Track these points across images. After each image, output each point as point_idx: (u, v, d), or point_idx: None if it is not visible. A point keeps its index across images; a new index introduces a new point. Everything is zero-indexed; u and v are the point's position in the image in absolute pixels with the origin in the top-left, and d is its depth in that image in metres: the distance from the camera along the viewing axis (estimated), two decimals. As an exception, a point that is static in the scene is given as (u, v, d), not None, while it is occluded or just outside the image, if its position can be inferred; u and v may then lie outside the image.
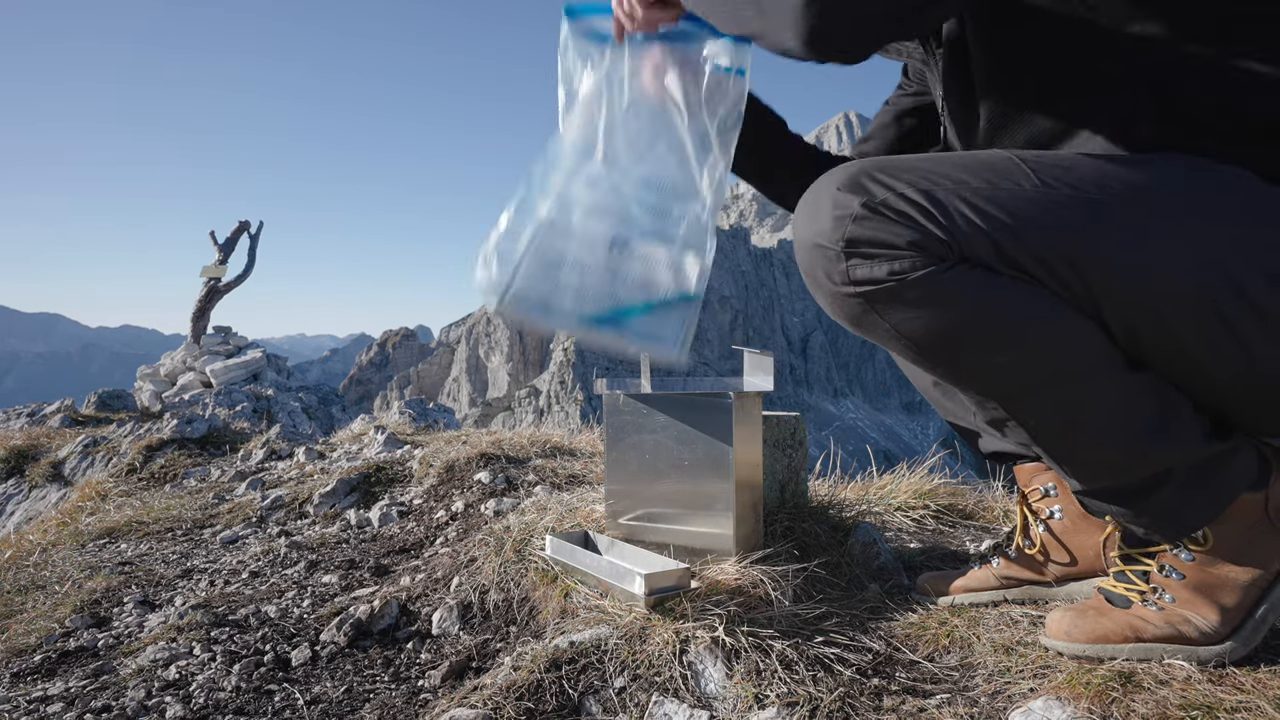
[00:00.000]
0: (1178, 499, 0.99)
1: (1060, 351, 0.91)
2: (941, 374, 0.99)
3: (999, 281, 0.90)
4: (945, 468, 2.28)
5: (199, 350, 11.50)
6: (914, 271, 0.89)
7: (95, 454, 5.28)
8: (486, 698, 1.12)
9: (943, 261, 0.90)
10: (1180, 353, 0.92)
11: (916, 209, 0.89)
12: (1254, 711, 0.88)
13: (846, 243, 0.91)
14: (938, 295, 0.90)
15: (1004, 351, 0.92)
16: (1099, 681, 0.96)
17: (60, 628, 1.79)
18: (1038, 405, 0.96)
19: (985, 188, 0.90)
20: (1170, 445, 0.96)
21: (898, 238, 0.89)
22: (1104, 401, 0.94)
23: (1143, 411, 0.95)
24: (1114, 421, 0.95)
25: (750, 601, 1.26)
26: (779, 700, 1.03)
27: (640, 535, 1.52)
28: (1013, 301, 0.90)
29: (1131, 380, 0.94)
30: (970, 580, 1.35)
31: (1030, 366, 0.93)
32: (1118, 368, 0.93)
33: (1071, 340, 0.91)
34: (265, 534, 2.67)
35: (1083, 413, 0.95)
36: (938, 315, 0.91)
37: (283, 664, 1.46)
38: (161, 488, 3.93)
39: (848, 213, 0.91)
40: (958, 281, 0.90)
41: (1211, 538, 1.02)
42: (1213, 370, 0.92)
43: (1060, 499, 1.30)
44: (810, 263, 0.97)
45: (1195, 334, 0.89)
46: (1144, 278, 0.88)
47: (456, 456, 2.93)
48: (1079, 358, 0.92)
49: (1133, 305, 0.89)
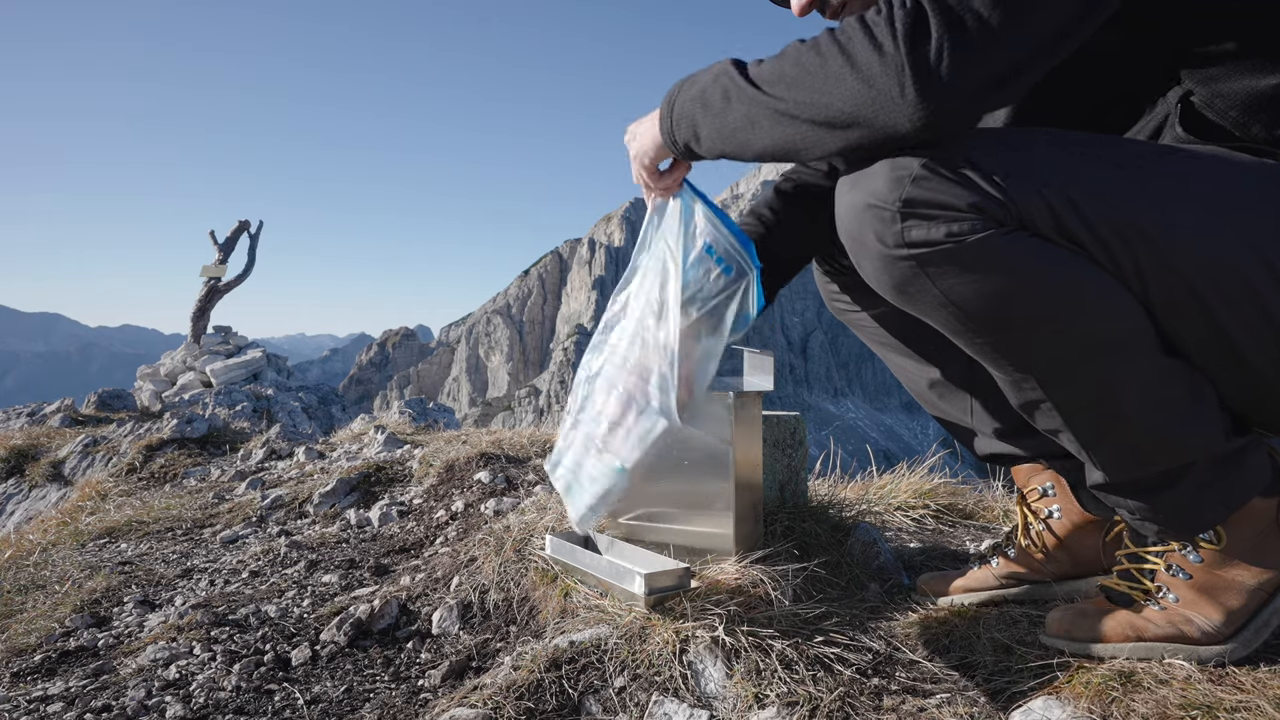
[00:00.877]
0: (1194, 495, 0.99)
1: (1106, 326, 0.91)
2: (983, 344, 0.97)
3: (1054, 251, 0.89)
4: (945, 467, 2.28)
5: (199, 350, 11.50)
6: (973, 234, 0.88)
7: (95, 453, 5.28)
8: (486, 697, 1.12)
9: (1001, 226, 0.89)
10: (1217, 338, 0.91)
11: (977, 172, 0.88)
12: (1254, 711, 0.88)
13: (904, 203, 0.90)
14: (994, 260, 0.89)
15: (1053, 321, 0.91)
16: (1099, 681, 0.96)
17: (60, 627, 1.79)
18: (1078, 381, 0.95)
19: (1047, 157, 0.90)
20: (1198, 436, 0.96)
21: (958, 199, 0.88)
22: (1142, 383, 0.93)
23: (1175, 397, 0.94)
24: (1147, 404, 0.94)
25: (750, 601, 1.26)
26: (779, 700, 1.03)
27: (640, 535, 1.52)
28: (1066, 271, 0.89)
29: (1168, 365, 0.93)
30: (970, 580, 1.35)
31: (1076, 338, 0.92)
32: (1156, 351, 0.93)
33: (1118, 315, 0.91)
34: (265, 533, 2.67)
35: (1119, 392, 0.94)
36: (992, 280, 0.90)
37: (283, 663, 1.46)
38: (161, 487, 3.93)
39: (907, 173, 0.89)
40: (1015, 246, 0.89)
41: (1224, 537, 1.02)
42: (1248, 357, 0.91)
43: (1058, 499, 1.30)
44: (859, 225, 0.95)
45: (1235, 318, 0.89)
46: (1192, 258, 0.88)
47: (456, 456, 2.93)
48: (1123, 334, 0.91)
49: (1178, 286, 0.89)
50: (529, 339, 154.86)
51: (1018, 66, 0.84)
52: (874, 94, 0.85)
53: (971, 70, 0.82)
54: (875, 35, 0.84)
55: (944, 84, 0.82)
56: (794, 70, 0.92)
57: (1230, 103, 0.93)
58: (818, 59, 0.90)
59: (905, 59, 0.82)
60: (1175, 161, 0.91)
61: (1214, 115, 0.95)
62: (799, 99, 0.92)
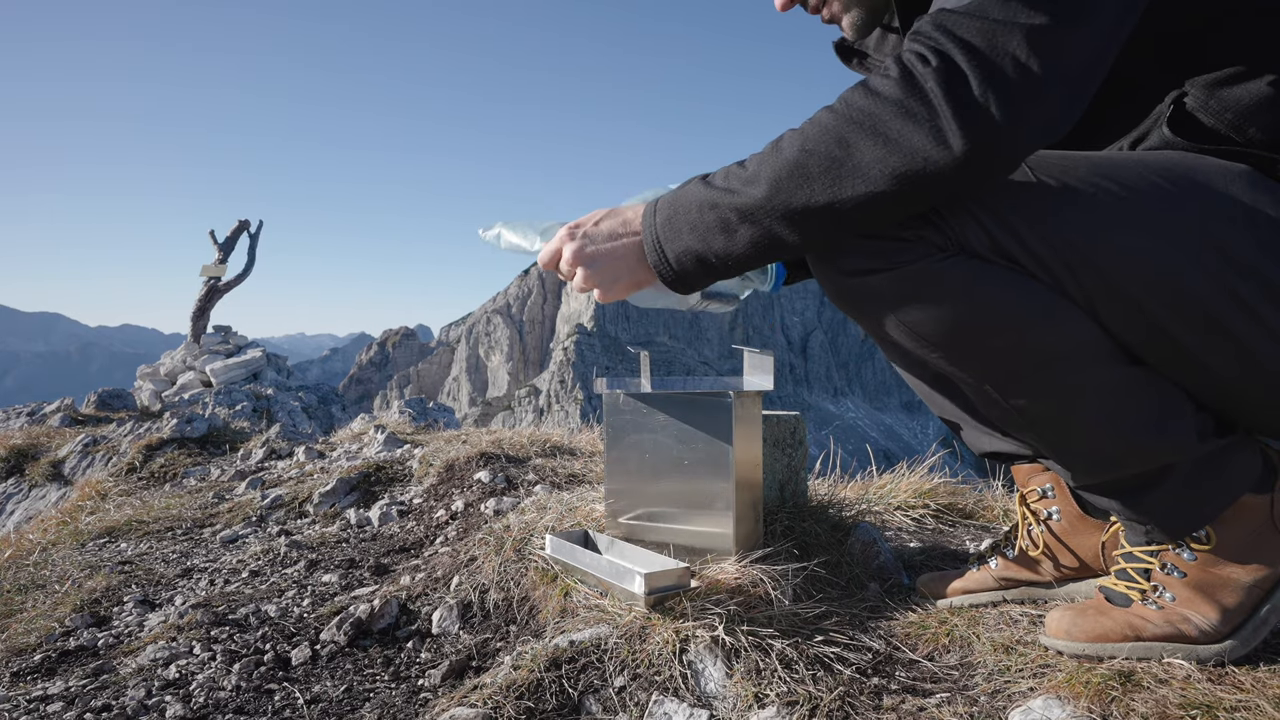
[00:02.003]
0: (1177, 497, 0.99)
1: (1052, 339, 0.92)
2: (939, 358, 0.99)
3: (993, 271, 0.91)
4: (945, 467, 2.28)
5: (199, 349, 11.50)
6: (913, 261, 0.91)
7: (95, 453, 5.28)
8: (486, 697, 1.12)
9: (941, 251, 0.92)
10: (1177, 353, 0.92)
11: None
12: (1253, 710, 0.88)
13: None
14: (934, 284, 0.92)
15: (998, 337, 0.93)
16: (1098, 680, 0.96)
17: (60, 627, 1.79)
18: (1033, 390, 0.97)
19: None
20: (1167, 441, 0.96)
21: (897, 227, 0.91)
22: (1098, 392, 0.94)
23: (1139, 405, 0.95)
24: (1108, 413, 0.95)
25: (750, 601, 1.26)
26: (779, 699, 1.03)
27: (640, 534, 1.52)
28: (1006, 291, 0.91)
29: (1128, 374, 0.94)
30: (969, 581, 1.35)
31: (1023, 352, 0.94)
32: (1114, 360, 0.94)
33: (1063, 329, 0.92)
34: (265, 533, 2.67)
35: (1077, 403, 0.96)
36: (934, 303, 0.93)
37: (283, 663, 1.46)
38: (161, 487, 3.93)
39: None
40: (953, 270, 0.91)
41: (1215, 537, 1.02)
42: (1211, 370, 0.92)
43: (1058, 500, 1.30)
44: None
45: (1192, 335, 0.90)
46: (1138, 279, 0.88)
47: (456, 456, 2.93)
48: (1070, 345, 0.92)
49: (1125, 304, 0.90)
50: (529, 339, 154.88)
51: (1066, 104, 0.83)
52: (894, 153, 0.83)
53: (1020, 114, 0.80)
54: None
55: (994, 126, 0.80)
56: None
57: (1227, 105, 0.93)
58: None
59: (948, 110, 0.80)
60: (1122, 178, 0.90)
61: (1209, 118, 0.94)
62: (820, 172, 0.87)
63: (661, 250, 0.98)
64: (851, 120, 0.85)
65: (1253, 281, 0.87)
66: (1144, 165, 0.92)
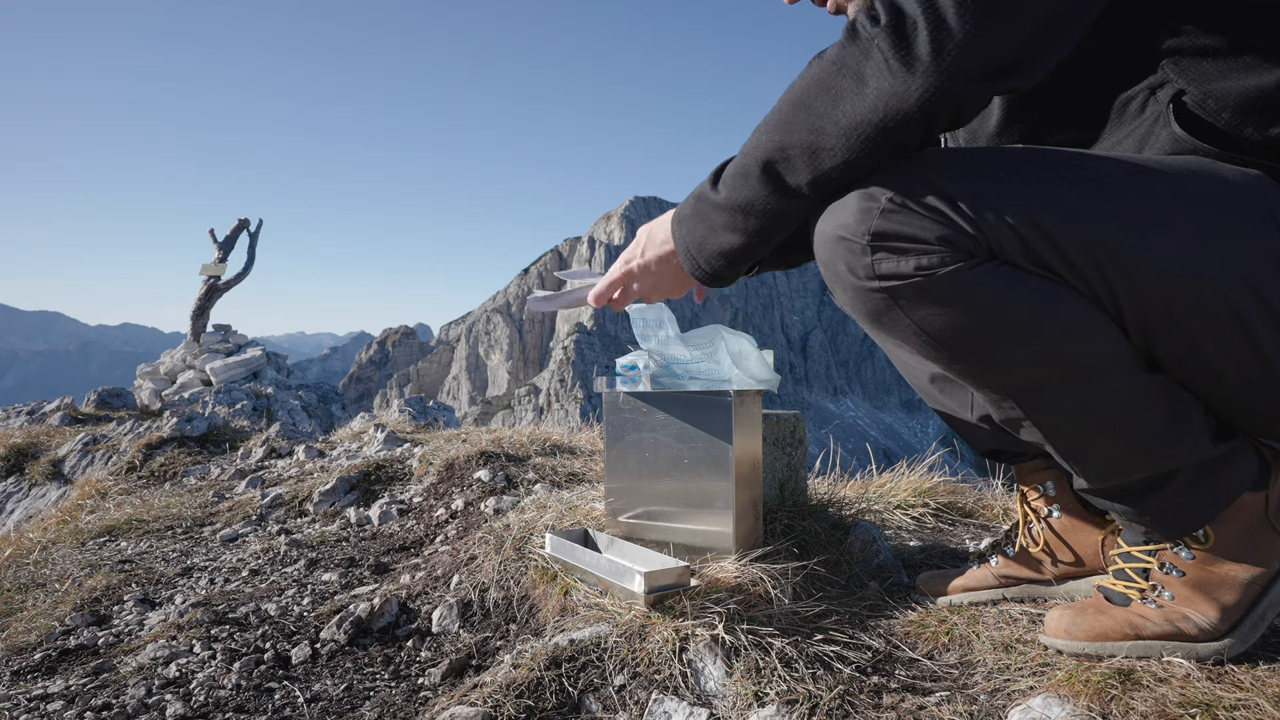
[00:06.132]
0: (1180, 498, 0.99)
1: (1082, 350, 0.91)
2: (960, 370, 0.97)
3: (1026, 279, 0.89)
4: (945, 466, 2.29)
5: (199, 348, 11.50)
6: (942, 268, 0.88)
7: (95, 452, 5.28)
8: (486, 695, 1.12)
9: (971, 258, 0.88)
10: (1196, 357, 0.92)
11: (946, 203, 0.88)
12: (1252, 709, 0.88)
13: (873, 236, 0.89)
14: (964, 292, 0.89)
15: (1027, 348, 0.91)
16: (1098, 679, 0.96)
17: (60, 626, 1.79)
18: (1056, 404, 0.96)
19: (1016, 184, 0.89)
20: (1181, 447, 0.96)
21: (926, 232, 0.88)
22: (1120, 402, 0.94)
23: (1156, 413, 0.95)
24: (1128, 422, 0.95)
25: (750, 599, 1.26)
26: (778, 698, 1.04)
27: (640, 533, 1.52)
28: (1038, 300, 0.89)
29: (1147, 382, 0.94)
30: (969, 579, 1.35)
31: (1052, 364, 0.92)
32: (1136, 369, 0.93)
33: (1093, 339, 0.91)
34: (265, 532, 2.67)
35: (1099, 412, 0.95)
36: (963, 312, 0.90)
37: (283, 662, 1.47)
38: (161, 486, 3.93)
39: (875, 205, 0.89)
40: (985, 278, 0.88)
41: (1213, 536, 1.02)
42: (1227, 375, 0.92)
43: (1058, 498, 1.30)
44: (831, 256, 0.95)
45: (1213, 339, 0.89)
46: (1168, 283, 0.88)
47: (456, 454, 2.93)
48: (1099, 357, 0.91)
49: (1154, 308, 0.89)
50: (529, 337, 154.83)
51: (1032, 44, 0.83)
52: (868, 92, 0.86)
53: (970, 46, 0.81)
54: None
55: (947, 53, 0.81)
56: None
57: (1223, 104, 0.93)
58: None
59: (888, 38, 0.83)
60: (1152, 181, 0.89)
61: (1206, 116, 0.94)
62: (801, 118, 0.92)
63: (695, 260, 1.08)
64: (807, 88, 0.90)
65: (1277, 286, 0.87)
66: (1171, 169, 0.91)
